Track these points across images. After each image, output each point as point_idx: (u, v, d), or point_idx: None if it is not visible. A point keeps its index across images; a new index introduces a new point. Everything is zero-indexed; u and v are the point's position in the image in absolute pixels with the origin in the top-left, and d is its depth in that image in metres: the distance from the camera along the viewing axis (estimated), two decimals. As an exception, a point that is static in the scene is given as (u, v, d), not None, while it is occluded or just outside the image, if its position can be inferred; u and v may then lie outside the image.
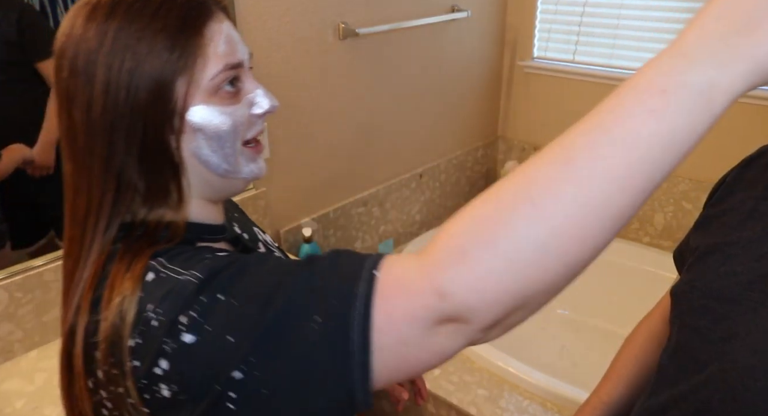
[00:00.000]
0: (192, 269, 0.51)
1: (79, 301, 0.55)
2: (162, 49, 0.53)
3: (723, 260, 0.67)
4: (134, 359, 0.50)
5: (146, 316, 0.50)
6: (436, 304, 0.42)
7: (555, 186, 0.40)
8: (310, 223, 1.85)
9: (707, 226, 0.73)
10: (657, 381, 0.75)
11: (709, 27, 0.39)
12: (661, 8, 2.00)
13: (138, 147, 0.55)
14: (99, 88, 0.53)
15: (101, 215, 0.56)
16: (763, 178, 0.69)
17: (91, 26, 0.54)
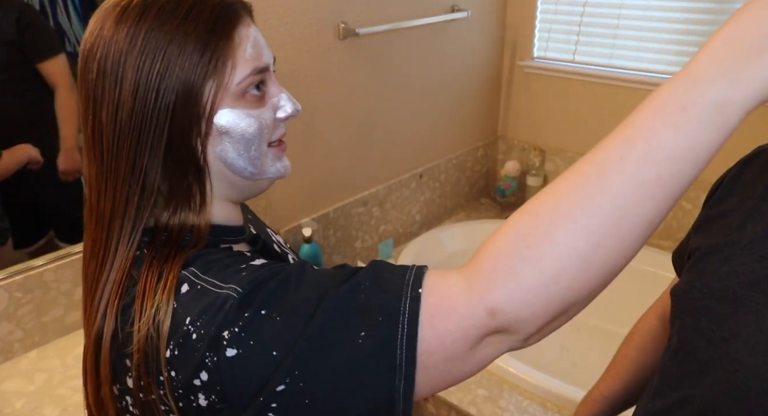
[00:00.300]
0: (231, 282, 0.51)
1: (106, 307, 0.55)
2: (192, 52, 0.54)
3: (724, 260, 0.67)
4: (171, 369, 0.50)
5: (185, 330, 0.50)
6: (486, 323, 0.45)
7: (591, 201, 0.43)
8: (310, 223, 1.85)
9: (707, 227, 0.73)
10: (659, 383, 0.74)
11: (720, 51, 0.42)
12: (661, 8, 2.00)
13: (164, 149, 0.55)
14: (128, 89, 0.53)
15: (126, 218, 0.56)
16: (761, 178, 0.69)
17: (121, 28, 0.54)
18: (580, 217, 0.43)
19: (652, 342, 0.90)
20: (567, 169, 0.47)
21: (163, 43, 0.53)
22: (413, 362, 0.47)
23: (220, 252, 0.58)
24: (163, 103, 0.54)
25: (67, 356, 1.29)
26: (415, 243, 2.15)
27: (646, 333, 0.93)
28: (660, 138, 0.42)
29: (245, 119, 0.57)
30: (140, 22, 0.53)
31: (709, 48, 0.43)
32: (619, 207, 0.42)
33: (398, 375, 0.47)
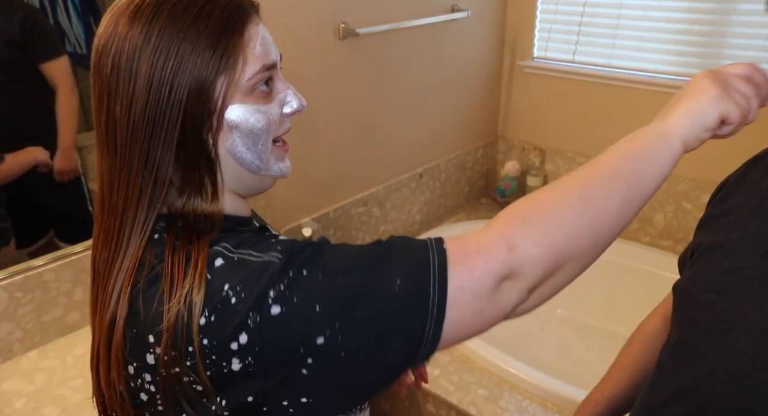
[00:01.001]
0: (270, 251, 0.55)
1: (120, 293, 0.57)
2: (205, 48, 0.56)
3: (726, 256, 0.67)
4: (204, 337, 0.52)
5: (224, 295, 0.52)
6: (507, 258, 0.54)
7: (592, 194, 0.58)
8: (310, 223, 1.85)
9: (710, 225, 0.74)
10: (657, 376, 0.75)
11: (672, 102, 0.66)
12: (661, 8, 2.00)
13: (176, 143, 0.57)
14: (142, 84, 0.55)
15: (140, 209, 0.58)
16: (766, 177, 0.70)
17: (135, 25, 0.56)
18: (585, 200, 0.57)
19: (656, 342, 0.90)
20: (565, 172, 0.52)
21: (176, 41, 0.55)
22: (444, 305, 0.53)
23: (243, 233, 0.61)
24: (176, 98, 0.56)
25: (67, 356, 1.29)
26: (415, 243, 2.15)
27: (650, 334, 0.93)
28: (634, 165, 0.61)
29: (255, 114, 0.59)
30: (154, 20, 0.55)
31: (672, 99, 0.65)
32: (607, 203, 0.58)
33: (430, 317, 0.53)
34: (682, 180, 2.09)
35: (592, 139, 2.28)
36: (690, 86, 0.64)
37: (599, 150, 0.69)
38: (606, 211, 0.57)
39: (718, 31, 1.90)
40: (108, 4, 1.40)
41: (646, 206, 2.40)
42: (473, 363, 1.63)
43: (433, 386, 1.55)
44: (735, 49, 1.89)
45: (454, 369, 1.61)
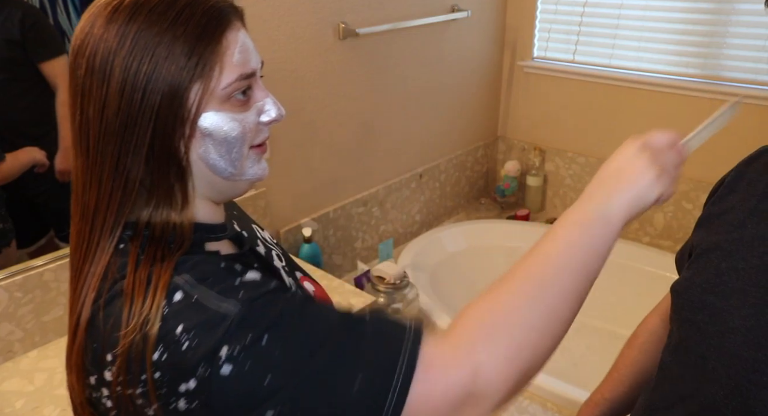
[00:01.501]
0: (232, 296, 0.52)
1: (85, 298, 0.56)
2: (180, 54, 0.55)
3: (724, 257, 0.67)
4: (157, 371, 0.51)
5: (177, 337, 0.51)
6: (469, 381, 0.52)
7: (551, 299, 0.57)
8: (310, 223, 1.85)
9: (708, 225, 0.74)
10: (659, 378, 0.75)
11: (601, 178, 0.64)
12: (661, 8, 2.00)
13: (147, 148, 0.56)
14: (115, 87, 0.54)
15: (109, 213, 0.57)
16: (763, 177, 0.70)
17: (111, 27, 0.55)
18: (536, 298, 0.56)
19: (655, 343, 0.90)
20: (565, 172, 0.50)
21: (151, 45, 0.54)
22: (400, 412, 0.51)
23: (210, 260, 0.58)
24: (148, 104, 0.55)
25: (67, 356, 1.29)
26: (415, 243, 2.15)
27: (649, 334, 0.93)
28: (571, 240, 0.59)
29: (229, 123, 0.58)
30: (130, 22, 0.54)
31: (596, 176, 0.64)
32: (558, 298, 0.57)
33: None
34: (682, 180, 2.09)
35: (592, 139, 2.28)
36: (625, 162, 0.62)
37: (599, 150, 0.70)
38: (565, 311, 0.57)
39: (718, 31, 1.90)
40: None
41: (646, 206, 2.40)
42: (473, 363, 1.63)
43: (433, 386, 1.55)
44: (735, 49, 1.89)
45: (454, 369, 1.61)
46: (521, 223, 2.36)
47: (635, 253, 2.11)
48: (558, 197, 2.47)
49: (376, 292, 1.65)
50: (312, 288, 0.83)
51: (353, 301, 1.51)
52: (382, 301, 1.64)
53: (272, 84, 1.62)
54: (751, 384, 0.60)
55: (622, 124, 2.19)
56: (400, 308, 1.66)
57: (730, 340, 0.63)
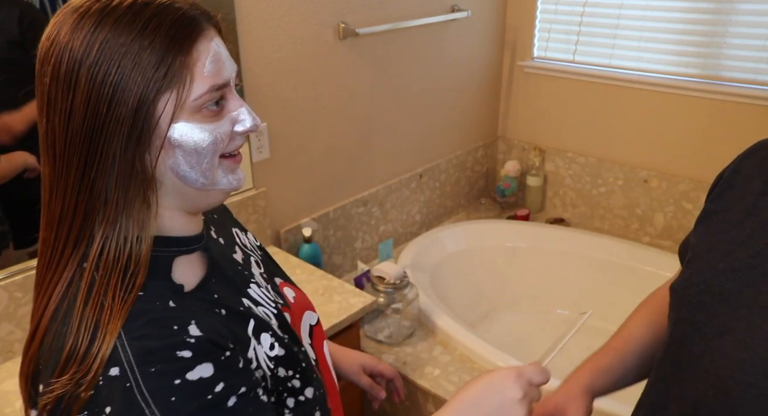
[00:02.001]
0: (159, 402, 0.51)
1: (44, 311, 0.56)
2: (148, 65, 0.53)
3: (721, 257, 0.67)
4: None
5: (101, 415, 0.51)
6: None
7: None
8: (310, 223, 1.85)
9: (707, 222, 0.74)
10: (655, 377, 0.75)
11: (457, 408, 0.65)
12: (661, 8, 2.00)
13: (113, 160, 0.54)
14: (80, 98, 0.53)
15: (74, 225, 0.56)
16: (761, 173, 0.70)
17: (77, 35, 0.53)
18: None
19: (654, 328, 0.88)
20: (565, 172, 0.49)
21: (118, 55, 0.52)
22: None
23: (165, 320, 0.55)
24: (114, 115, 0.53)
25: (67, 356, 1.29)
26: (415, 243, 2.15)
27: (649, 319, 0.90)
28: None
29: (199, 133, 0.56)
30: (97, 30, 0.52)
31: (450, 406, 0.65)
32: None
33: None
34: (682, 180, 2.09)
35: (592, 139, 2.28)
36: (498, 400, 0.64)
37: (599, 150, 0.69)
38: None
39: (718, 31, 1.90)
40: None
41: (646, 206, 2.41)
42: (473, 363, 1.63)
43: (433, 386, 1.55)
44: (735, 49, 1.89)
45: (454, 369, 1.61)
46: (521, 223, 2.36)
47: (635, 253, 2.11)
48: (558, 197, 2.47)
49: (376, 292, 1.65)
50: (292, 293, 0.81)
51: (353, 301, 1.52)
52: (382, 301, 1.64)
53: (272, 84, 1.62)
54: (736, 384, 0.60)
55: (622, 124, 2.19)
56: (400, 308, 1.66)
57: (724, 341, 0.63)
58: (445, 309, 1.79)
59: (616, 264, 2.13)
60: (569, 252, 2.20)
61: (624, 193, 2.25)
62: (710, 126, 1.98)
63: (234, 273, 0.69)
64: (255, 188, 1.68)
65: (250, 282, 0.70)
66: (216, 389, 0.54)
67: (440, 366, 1.62)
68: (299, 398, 0.67)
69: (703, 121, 1.99)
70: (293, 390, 0.66)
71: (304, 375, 0.67)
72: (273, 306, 0.70)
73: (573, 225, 2.41)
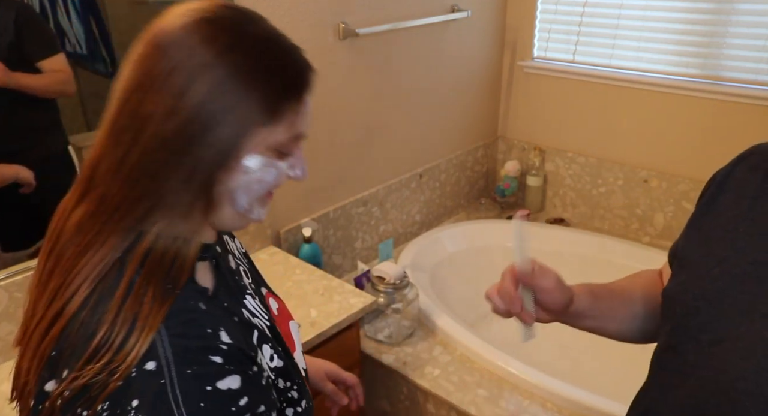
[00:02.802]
0: (188, 406, 0.52)
1: (76, 289, 0.56)
2: (260, 100, 0.56)
3: (716, 263, 0.67)
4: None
5: (127, 407, 0.52)
6: None
7: None
8: (310, 223, 1.85)
9: (699, 226, 0.73)
10: (650, 383, 0.74)
11: None
12: (661, 8, 2.00)
13: (193, 170, 0.56)
14: (189, 104, 0.54)
15: (132, 214, 0.57)
16: (754, 177, 0.69)
17: (208, 48, 0.55)
18: None
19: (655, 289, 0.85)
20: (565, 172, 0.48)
21: (238, 82, 0.55)
22: None
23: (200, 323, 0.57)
24: (213, 134, 0.55)
25: (67, 356, 1.29)
26: (415, 243, 2.15)
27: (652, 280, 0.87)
28: None
29: (268, 168, 0.60)
30: (226, 52, 0.55)
31: None
32: None
33: None
34: (682, 180, 2.09)
35: (592, 139, 2.28)
36: None
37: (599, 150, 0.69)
38: None
39: (718, 31, 1.90)
40: (108, 5, 1.40)
41: (646, 206, 2.41)
42: (473, 363, 1.63)
43: (433, 386, 1.55)
44: (735, 49, 1.89)
45: (454, 369, 1.61)
46: (521, 223, 2.35)
47: (635, 253, 2.11)
48: (558, 197, 2.47)
49: (376, 292, 1.65)
50: (276, 304, 0.82)
51: (353, 301, 1.52)
52: (382, 301, 1.64)
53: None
54: (738, 393, 0.60)
55: (622, 124, 2.19)
56: (400, 308, 1.66)
57: (722, 348, 0.62)
58: (445, 309, 1.79)
59: (617, 264, 2.13)
60: (569, 252, 2.21)
61: (624, 192, 2.25)
62: (710, 126, 1.98)
63: (233, 283, 0.70)
64: (255, 188, 1.68)
65: (246, 293, 0.72)
66: (240, 402, 0.55)
67: (440, 366, 1.62)
68: (297, 409, 0.69)
69: (703, 121, 1.99)
70: (292, 401, 0.69)
71: (300, 387, 0.70)
72: (266, 317, 0.72)
73: (573, 225, 2.41)
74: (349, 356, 1.55)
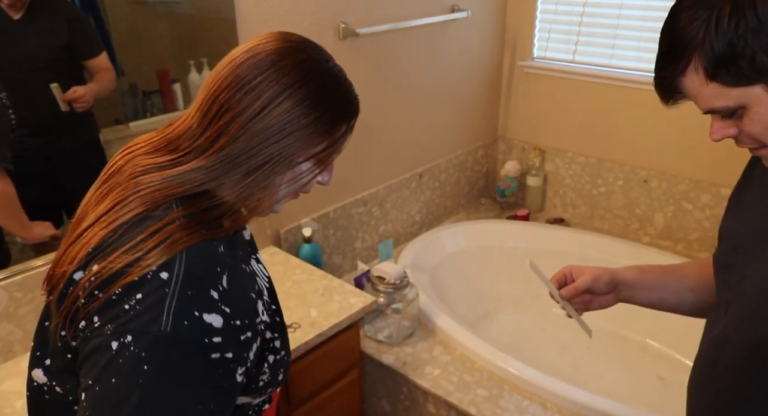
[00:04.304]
0: (177, 322, 0.62)
1: (132, 205, 0.68)
2: (325, 120, 0.71)
3: (743, 225, 0.78)
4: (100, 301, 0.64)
5: (132, 298, 0.63)
6: None
7: None
8: (310, 223, 1.85)
9: (735, 210, 0.83)
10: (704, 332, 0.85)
11: None
12: (661, 8, 2.00)
13: (260, 163, 0.69)
14: (277, 113, 0.69)
15: (199, 181, 0.69)
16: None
17: (294, 75, 0.69)
18: None
19: None
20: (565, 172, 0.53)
21: (311, 105, 0.70)
22: None
23: (214, 261, 0.68)
24: (286, 138, 0.69)
25: (67, 356, 1.29)
26: (415, 243, 2.15)
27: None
28: None
29: (308, 174, 0.75)
30: (307, 81, 0.70)
31: None
32: None
33: None
34: (682, 180, 2.09)
35: (592, 139, 2.28)
36: None
37: (599, 150, 0.72)
38: None
39: (718, 31, 1.90)
40: (108, 5, 1.40)
41: (647, 206, 2.41)
42: (473, 363, 1.63)
43: (433, 386, 1.55)
44: (735, 49, 1.89)
45: (454, 369, 1.61)
46: (521, 223, 2.36)
47: (635, 253, 2.11)
48: (558, 197, 2.47)
49: (376, 292, 1.65)
50: None
51: (353, 301, 1.52)
52: (382, 301, 1.64)
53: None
54: (756, 320, 0.70)
55: (622, 124, 2.19)
56: (400, 308, 1.66)
57: (744, 286, 0.73)
58: (445, 309, 1.79)
59: (616, 264, 2.12)
60: (569, 252, 2.21)
61: (624, 192, 2.25)
62: (710, 126, 1.98)
63: (244, 243, 0.85)
64: (255, 188, 1.68)
65: (252, 257, 0.85)
66: (214, 339, 0.63)
67: (440, 366, 1.62)
68: (276, 357, 0.80)
69: (703, 121, 1.99)
70: (274, 350, 0.80)
71: (283, 339, 0.82)
72: (267, 280, 0.85)
73: (573, 225, 2.41)
74: (349, 356, 1.55)
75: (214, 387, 0.65)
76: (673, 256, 2.02)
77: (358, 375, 1.60)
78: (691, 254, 2.08)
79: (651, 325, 2.06)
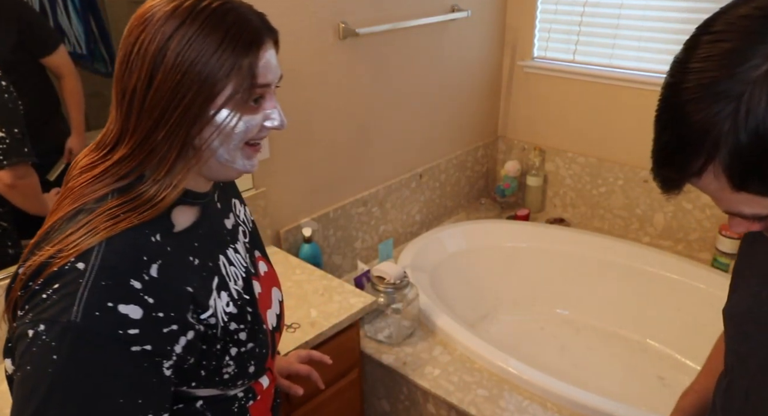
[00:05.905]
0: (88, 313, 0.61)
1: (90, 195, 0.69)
2: (221, 61, 0.66)
3: (764, 285, 0.65)
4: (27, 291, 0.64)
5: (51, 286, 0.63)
6: None
7: None
8: (310, 223, 1.85)
9: (751, 243, 0.71)
10: (713, 406, 0.75)
11: None
12: (661, 8, 2.00)
13: (175, 126, 0.67)
14: (163, 71, 0.65)
15: (126, 164, 0.68)
16: None
17: (171, 23, 0.66)
18: None
19: None
20: (565, 172, 0.48)
21: (201, 48, 0.66)
22: None
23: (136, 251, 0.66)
24: (186, 92, 0.66)
25: (67, 356, 1.29)
26: (415, 243, 2.15)
27: None
28: None
29: (237, 122, 0.69)
30: (186, 23, 0.66)
31: None
32: None
33: None
34: (682, 180, 2.08)
35: (592, 139, 2.28)
36: None
37: (599, 150, 0.69)
38: None
39: (718, 31, 1.90)
40: (108, 5, 1.40)
41: (647, 206, 2.41)
42: (473, 363, 1.63)
43: (433, 386, 1.55)
44: (735, 49, 1.89)
45: (454, 369, 1.61)
46: (521, 223, 2.36)
47: (635, 253, 2.11)
48: (558, 197, 2.47)
49: (376, 292, 1.65)
50: (265, 268, 0.92)
51: (353, 301, 1.52)
52: (382, 301, 1.64)
53: (272, 84, 1.62)
54: None
55: (622, 124, 2.19)
56: (400, 308, 1.66)
57: (753, 363, 0.62)
58: (445, 309, 1.79)
59: (616, 264, 2.13)
60: (569, 252, 2.21)
61: (624, 192, 2.25)
62: (710, 126, 1.98)
63: (219, 233, 0.82)
64: (255, 188, 1.68)
65: (230, 246, 0.83)
66: (129, 331, 0.62)
67: (440, 366, 1.62)
68: (241, 349, 0.78)
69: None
70: (238, 342, 0.77)
71: (252, 331, 0.79)
72: (244, 270, 0.83)
73: (573, 225, 2.41)
74: (349, 356, 1.55)
75: (135, 382, 0.64)
76: (672, 256, 2.02)
77: (358, 375, 1.60)
78: (691, 254, 2.08)
79: (651, 325, 2.06)
